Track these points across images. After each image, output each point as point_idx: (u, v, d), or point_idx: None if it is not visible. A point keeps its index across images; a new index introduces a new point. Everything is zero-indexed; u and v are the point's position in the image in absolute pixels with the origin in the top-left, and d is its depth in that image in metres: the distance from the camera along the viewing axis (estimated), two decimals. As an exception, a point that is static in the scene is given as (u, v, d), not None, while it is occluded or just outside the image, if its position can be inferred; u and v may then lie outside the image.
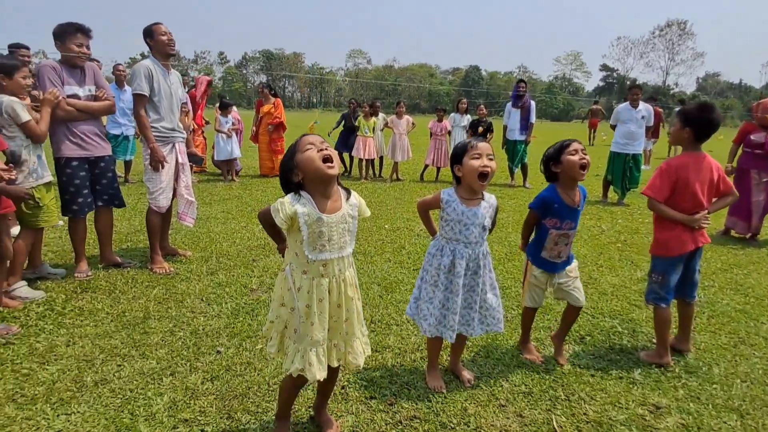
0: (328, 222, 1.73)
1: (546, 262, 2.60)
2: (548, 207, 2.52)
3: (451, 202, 2.23)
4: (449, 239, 2.27)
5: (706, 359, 2.81)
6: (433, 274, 2.30)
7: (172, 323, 2.95)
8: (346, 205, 1.80)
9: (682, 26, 76.08)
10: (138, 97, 3.65)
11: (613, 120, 7.67)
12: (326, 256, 1.76)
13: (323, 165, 1.70)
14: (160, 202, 3.83)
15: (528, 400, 2.35)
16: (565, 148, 2.47)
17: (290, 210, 1.70)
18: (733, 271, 4.44)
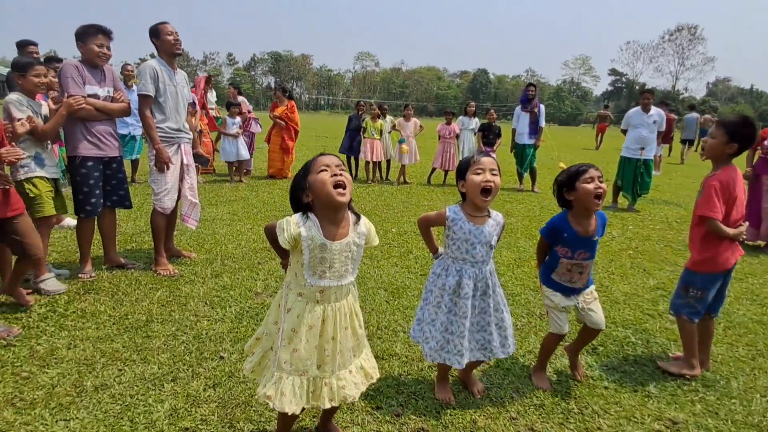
0: (332, 249, 1.67)
1: (558, 284, 2.44)
2: (557, 235, 2.38)
3: (457, 220, 2.13)
4: (455, 258, 2.17)
5: (724, 372, 2.72)
6: (437, 295, 2.20)
7: (175, 327, 2.90)
8: (354, 232, 1.73)
9: (692, 31, 75.54)
10: (143, 98, 3.62)
11: (624, 125, 7.56)
12: (325, 283, 1.69)
13: (334, 191, 1.62)
14: (165, 203, 3.79)
15: (540, 413, 2.27)
16: (581, 175, 2.28)
17: (295, 231, 1.63)
18: (749, 281, 4.33)
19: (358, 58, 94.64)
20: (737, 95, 74.94)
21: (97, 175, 3.56)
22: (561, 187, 2.38)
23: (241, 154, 8.12)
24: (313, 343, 1.69)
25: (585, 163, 2.36)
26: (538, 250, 2.57)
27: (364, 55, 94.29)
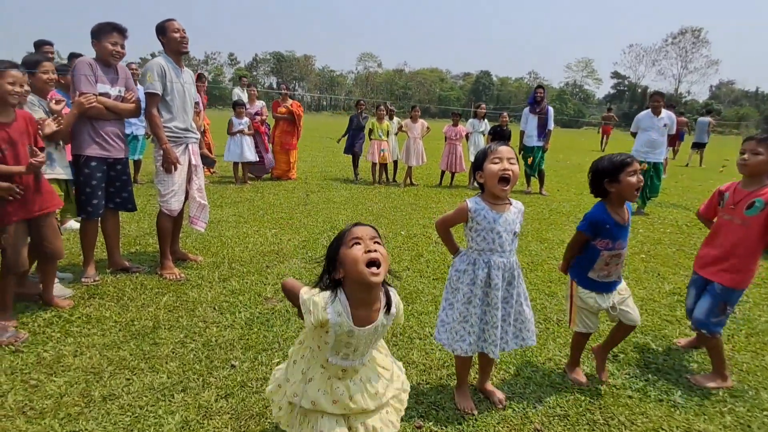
0: (359, 335, 1.56)
1: (594, 282, 2.40)
2: (600, 228, 2.33)
3: (479, 210, 2.08)
4: (482, 250, 2.11)
5: (752, 382, 2.63)
6: (466, 292, 2.13)
7: (183, 333, 2.81)
8: (383, 316, 1.60)
9: (696, 34, 75.27)
10: (150, 96, 3.53)
11: (633, 127, 7.46)
12: (348, 364, 1.60)
13: (367, 270, 1.48)
14: (171, 205, 3.70)
15: (564, 423, 2.19)
16: (626, 167, 2.26)
17: (323, 317, 1.52)
18: (767, 286, 4.23)
19: (361, 59, 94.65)
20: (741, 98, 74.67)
21: (101, 175, 3.49)
22: (602, 176, 2.32)
23: (245, 156, 8.02)
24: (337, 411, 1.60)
25: (626, 154, 2.33)
26: (571, 250, 2.47)
27: (366, 56, 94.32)
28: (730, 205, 2.56)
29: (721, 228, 2.61)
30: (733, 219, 2.55)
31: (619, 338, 2.55)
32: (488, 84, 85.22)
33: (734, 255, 2.53)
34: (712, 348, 2.63)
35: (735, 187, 2.60)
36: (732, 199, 2.57)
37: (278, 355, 2.61)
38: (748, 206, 2.48)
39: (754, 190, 2.48)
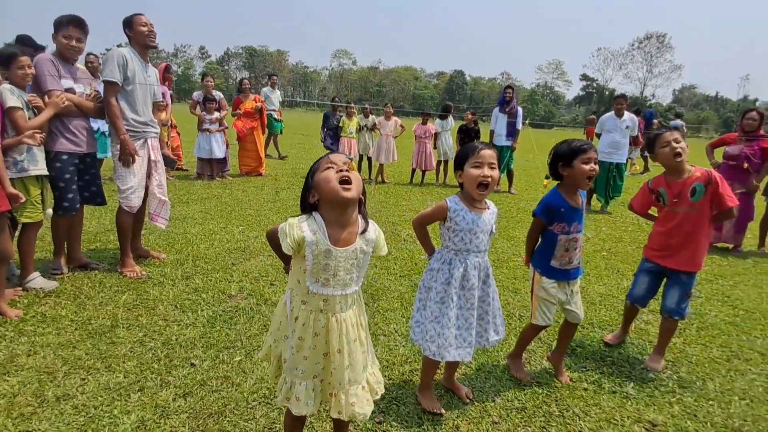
0: (337, 256, 1.57)
1: (558, 271, 2.45)
2: (554, 212, 2.39)
3: (459, 210, 2.09)
4: (459, 250, 2.12)
5: (700, 373, 2.75)
6: (439, 291, 2.13)
7: (142, 332, 2.75)
8: (361, 239, 1.62)
9: (660, 39, 78.06)
10: (109, 85, 3.42)
11: (598, 129, 7.71)
12: (329, 292, 1.59)
13: (339, 186, 1.53)
14: (131, 201, 3.61)
15: (522, 416, 2.24)
16: (581, 154, 2.33)
17: (298, 236, 1.53)
18: (719, 282, 4.43)
19: (335, 56, 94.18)
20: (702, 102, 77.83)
21: (73, 169, 3.44)
22: (558, 159, 2.40)
23: (214, 153, 7.89)
24: (321, 350, 1.63)
25: (586, 142, 2.39)
26: (530, 237, 2.54)
27: (341, 53, 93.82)
28: (673, 199, 2.68)
29: (675, 219, 2.70)
30: (684, 209, 2.67)
31: (567, 338, 2.62)
32: (462, 83, 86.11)
33: (692, 241, 2.68)
34: (670, 331, 2.79)
35: (666, 182, 2.71)
36: (671, 193, 2.68)
37: (240, 353, 2.58)
38: (692, 193, 2.63)
39: (686, 178, 2.65)
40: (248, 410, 2.12)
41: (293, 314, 1.62)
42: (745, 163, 5.46)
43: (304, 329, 1.60)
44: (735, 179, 5.54)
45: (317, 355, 1.63)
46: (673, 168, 2.69)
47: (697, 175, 2.65)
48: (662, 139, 2.65)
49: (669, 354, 2.96)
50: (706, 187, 2.62)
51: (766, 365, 2.90)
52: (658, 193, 2.75)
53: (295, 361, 1.62)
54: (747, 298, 4.06)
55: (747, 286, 4.38)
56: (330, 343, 1.62)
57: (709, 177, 2.64)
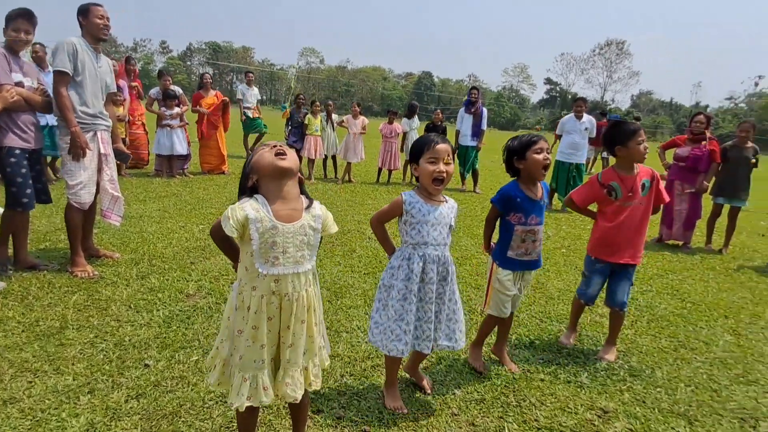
0: (284, 231, 1.55)
1: (515, 262, 2.49)
2: (510, 201, 2.44)
3: (414, 203, 2.09)
4: (417, 244, 2.10)
5: (649, 362, 2.88)
6: (401, 288, 2.10)
7: (93, 333, 2.64)
8: (308, 215, 1.63)
9: (620, 46, 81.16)
10: (59, 75, 3.28)
11: (558, 130, 7.94)
12: (279, 271, 1.57)
13: (275, 157, 1.57)
14: (81, 197, 3.45)
15: (480, 407, 2.29)
16: (532, 145, 2.40)
17: (241, 215, 1.52)
18: (669, 277, 4.65)
19: (303, 54, 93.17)
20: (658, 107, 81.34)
21: (26, 164, 3.34)
22: (512, 154, 2.46)
23: (176, 149, 7.66)
24: (275, 332, 1.61)
25: (536, 134, 2.46)
26: (487, 224, 2.59)
27: (308, 51, 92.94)
28: (628, 193, 2.76)
29: (624, 214, 2.78)
30: (634, 204, 2.77)
31: (506, 330, 2.70)
32: (430, 84, 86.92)
33: (639, 235, 2.82)
34: (621, 321, 2.93)
35: (619, 177, 2.78)
36: (625, 188, 2.76)
37: (197, 352, 2.52)
38: (642, 188, 2.75)
39: (636, 173, 2.77)
40: (204, 410, 2.07)
41: (245, 304, 1.58)
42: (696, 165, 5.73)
43: (258, 317, 1.57)
44: (685, 179, 5.84)
45: (273, 338, 1.61)
46: (635, 163, 2.76)
47: (643, 172, 2.78)
48: (638, 135, 2.70)
49: (621, 345, 3.08)
50: (651, 183, 2.77)
51: (709, 354, 3.07)
52: (611, 188, 2.78)
53: (252, 354, 1.58)
54: (694, 291, 4.27)
55: (694, 280, 4.61)
56: (283, 320, 1.61)
57: (652, 173, 2.80)
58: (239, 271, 1.64)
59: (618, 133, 2.77)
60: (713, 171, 5.74)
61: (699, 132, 5.78)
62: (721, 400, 2.54)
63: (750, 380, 2.78)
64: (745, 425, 2.34)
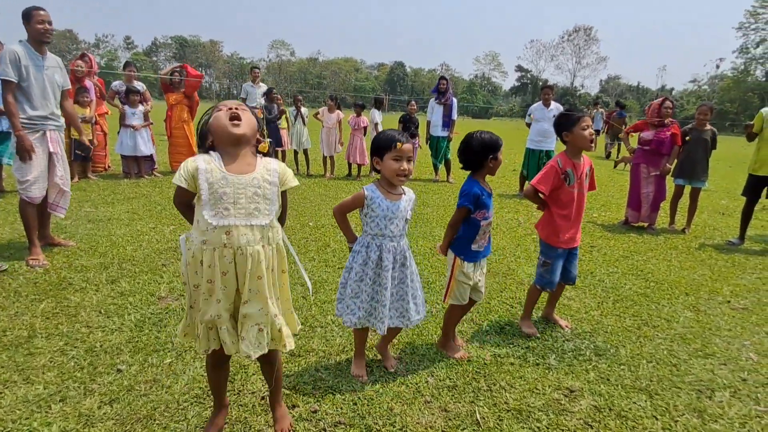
0: (234, 182, 1.58)
1: (476, 253, 2.63)
2: (478, 200, 2.53)
3: (375, 198, 2.23)
4: (375, 235, 2.27)
5: (614, 342, 3.00)
6: (358, 271, 2.29)
7: (63, 341, 2.60)
8: (262, 168, 1.67)
9: (588, 32, 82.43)
10: (3, 84, 3.43)
11: (528, 119, 8.07)
12: (230, 222, 1.56)
13: (229, 122, 1.60)
14: (32, 192, 3.63)
15: (452, 394, 2.36)
16: (500, 147, 2.55)
17: (191, 166, 1.57)
18: (634, 258, 4.82)
19: (273, 47, 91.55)
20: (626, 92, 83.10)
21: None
22: (487, 151, 2.51)
23: (139, 149, 7.42)
24: (232, 289, 1.63)
25: (494, 135, 2.56)
26: (454, 228, 2.60)
27: (278, 44, 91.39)
28: (577, 179, 2.90)
29: (573, 199, 2.91)
30: (579, 190, 2.93)
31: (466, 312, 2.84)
32: (402, 75, 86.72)
33: (580, 217, 3.02)
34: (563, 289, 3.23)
35: (571, 163, 2.90)
36: (576, 173, 2.89)
37: (171, 355, 2.51)
38: (587, 174, 2.94)
39: (582, 160, 2.94)
40: (179, 411, 2.08)
41: (196, 259, 1.59)
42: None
43: (212, 271, 1.57)
44: (649, 163, 6.03)
45: (230, 294, 1.63)
46: (582, 150, 2.91)
47: (586, 161, 2.96)
48: (584, 122, 2.83)
49: (587, 325, 3.21)
50: (591, 170, 2.99)
51: (670, 330, 3.22)
52: (567, 174, 2.87)
53: (209, 307, 1.61)
54: (657, 270, 4.45)
55: (658, 260, 4.80)
56: (239, 278, 1.63)
57: (590, 162, 3.00)
58: (194, 225, 1.66)
59: (565, 120, 2.91)
60: (675, 154, 5.94)
61: (667, 116, 5.97)
62: (680, 373, 2.68)
63: (707, 353, 2.93)
64: (701, 396, 2.48)
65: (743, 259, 5.03)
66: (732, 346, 3.05)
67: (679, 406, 2.37)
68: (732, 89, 60.05)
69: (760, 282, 4.32)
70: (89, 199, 5.90)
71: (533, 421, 2.18)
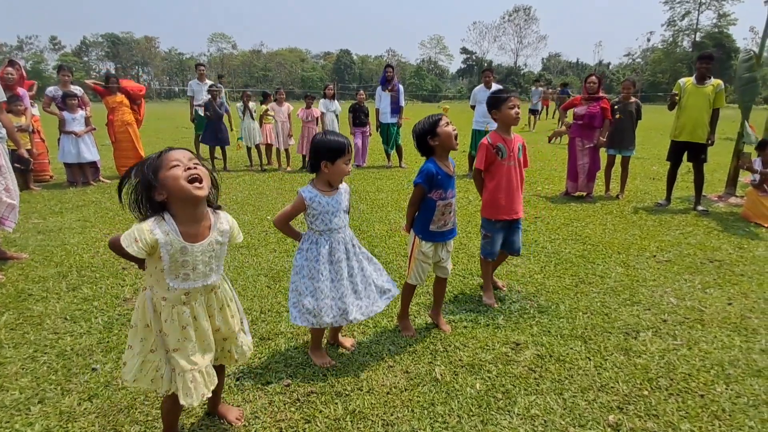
0: (193, 251, 1.61)
1: (436, 234, 2.75)
2: (434, 179, 2.65)
3: (314, 197, 2.31)
4: (321, 231, 2.36)
5: (554, 299, 3.35)
6: (310, 268, 2.35)
7: (32, 348, 2.64)
8: (215, 231, 1.68)
9: (527, 12, 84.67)
10: None
11: (471, 101, 8.40)
12: (190, 285, 1.64)
13: (190, 186, 1.55)
14: None
15: (412, 357, 2.60)
16: (438, 122, 2.63)
17: (151, 239, 1.53)
18: (574, 225, 5.24)
19: (212, 40, 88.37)
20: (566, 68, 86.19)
21: None
22: (424, 135, 2.67)
23: (83, 156, 7.18)
24: (203, 333, 1.72)
25: (435, 114, 2.71)
26: (412, 206, 2.75)
27: (218, 37, 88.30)
28: (510, 153, 3.17)
29: (505, 173, 3.17)
30: (512, 164, 3.18)
31: (440, 292, 2.95)
32: (349, 63, 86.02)
33: (519, 192, 3.26)
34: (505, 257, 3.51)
35: (501, 138, 3.15)
36: (508, 148, 3.16)
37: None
38: (518, 151, 3.20)
39: (513, 137, 3.20)
40: (158, 399, 2.19)
41: (157, 311, 1.65)
42: None
43: (171, 325, 1.65)
44: (584, 136, 6.49)
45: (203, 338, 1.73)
46: (510, 127, 3.18)
47: (517, 138, 3.22)
48: (511, 101, 3.10)
49: (531, 287, 3.54)
50: (522, 147, 3.25)
51: (603, 285, 3.60)
52: (498, 148, 3.14)
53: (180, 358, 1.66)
54: (594, 234, 4.88)
55: (595, 225, 5.25)
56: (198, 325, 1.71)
57: (522, 141, 3.27)
58: (148, 280, 1.68)
59: (494, 100, 3.19)
60: (606, 127, 6.43)
61: (593, 92, 6.42)
62: (610, 320, 3.04)
63: (634, 301, 3.33)
64: (628, 337, 2.84)
65: (669, 218, 5.57)
66: (656, 293, 3.47)
67: (609, 347, 2.72)
68: (662, 61, 63.69)
69: (682, 237, 4.84)
70: (35, 210, 5.72)
71: (484, 372, 2.45)
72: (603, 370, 2.49)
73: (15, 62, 6.79)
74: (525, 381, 2.39)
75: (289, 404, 2.20)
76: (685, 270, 3.93)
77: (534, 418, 2.12)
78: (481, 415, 2.14)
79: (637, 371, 2.48)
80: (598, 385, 2.36)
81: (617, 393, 2.30)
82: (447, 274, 2.90)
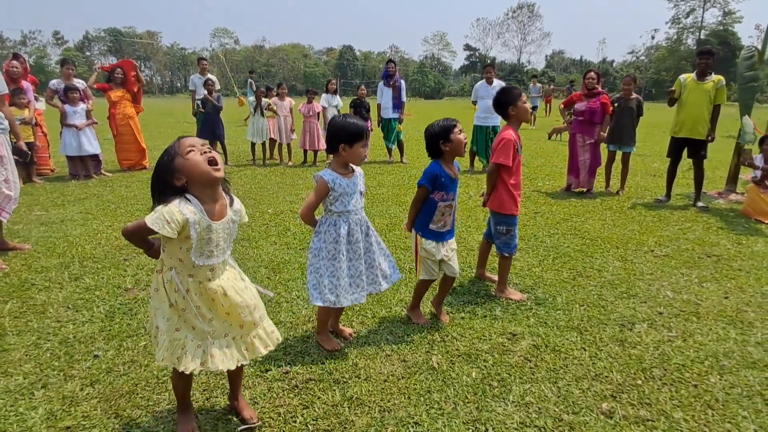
0: (216, 229, 1.72)
1: (435, 233, 2.79)
2: (436, 181, 2.72)
3: (335, 179, 2.40)
4: (340, 213, 2.44)
5: (552, 292, 3.37)
6: (330, 249, 2.44)
7: (36, 336, 2.68)
8: (230, 210, 1.80)
9: (531, 8, 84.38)
10: None
11: (473, 97, 8.41)
12: (214, 262, 1.76)
13: (209, 168, 1.66)
14: None
15: (410, 347, 2.63)
16: (453, 128, 2.70)
17: (182, 218, 1.62)
18: (573, 220, 5.27)
19: (215, 35, 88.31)
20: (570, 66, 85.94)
21: None
22: (437, 138, 2.72)
23: (84, 149, 7.21)
24: (220, 312, 1.79)
25: (451, 118, 2.77)
26: (416, 205, 2.80)
27: (221, 32, 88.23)
28: (521, 147, 3.26)
29: (519, 168, 3.25)
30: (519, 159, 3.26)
31: (446, 289, 2.98)
32: (352, 59, 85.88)
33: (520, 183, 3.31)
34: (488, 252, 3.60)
35: (517, 134, 3.21)
36: (520, 142, 3.24)
37: (145, 339, 2.65)
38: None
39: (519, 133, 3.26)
40: (160, 385, 2.24)
41: (184, 287, 1.73)
42: None
43: (201, 298, 1.76)
44: (584, 132, 6.50)
45: (219, 317, 1.79)
46: (522, 122, 3.24)
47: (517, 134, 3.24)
48: (524, 97, 3.19)
49: (529, 280, 3.57)
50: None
51: (601, 278, 3.63)
52: (517, 145, 3.20)
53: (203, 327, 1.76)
54: (593, 229, 4.90)
55: (594, 220, 5.27)
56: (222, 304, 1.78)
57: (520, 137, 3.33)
58: (169, 261, 1.74)
59: (510, 96, 3.19)
60: (607, 122, 6.43)
61: (592, 87, 6.43)
62: (606, 312, 3.07)
63: (631, 294, 3.35)
64: (624, 329, 2.87)
65: (668, 213, 5.59)
66: (652, 287, 3.49)
67: (604, 338, 2.75)
68: (667, 58, 63.34)
69: (681, 232, 4.86)
70: (38, 202, 5.77)
71: (481, 361, 2.49)
72: (597, 360, 2.52)
73: (19, 56, 6.85)
74: (520, 370, 2.42)
75: (288, 390, 2.23)
76: (683, 264, 3.95)
77: (528, 406, 2.15)
78: (476, 402, 2.17)
79: (631, 361, 2.51)
80: (593, 374, 2.39)
81: (611, 382, 2.33)
82: (454, 273, 2.89)
